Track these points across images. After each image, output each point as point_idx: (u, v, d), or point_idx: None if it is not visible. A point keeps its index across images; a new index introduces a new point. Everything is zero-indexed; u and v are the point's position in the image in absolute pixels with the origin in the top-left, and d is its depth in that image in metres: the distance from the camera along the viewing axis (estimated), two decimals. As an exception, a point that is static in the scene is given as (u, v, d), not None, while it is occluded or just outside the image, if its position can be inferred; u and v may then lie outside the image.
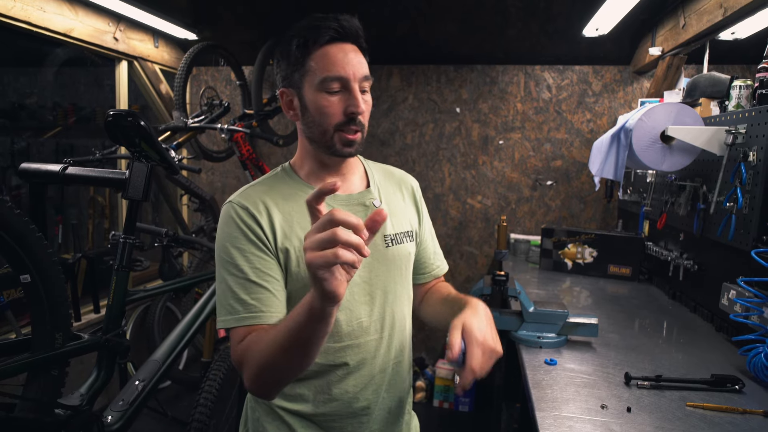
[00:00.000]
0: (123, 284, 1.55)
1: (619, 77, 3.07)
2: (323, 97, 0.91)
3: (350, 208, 0.98)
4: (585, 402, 1.19)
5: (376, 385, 0.99)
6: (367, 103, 0.94)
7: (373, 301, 0.98)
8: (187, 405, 2.86)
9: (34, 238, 1.27)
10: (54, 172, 1.57)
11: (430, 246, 1.18)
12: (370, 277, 0.98)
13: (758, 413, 1.14)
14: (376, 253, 0.98)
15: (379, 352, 0.99)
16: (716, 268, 1.79)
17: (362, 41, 0.94)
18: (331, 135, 0.92)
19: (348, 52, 0.91)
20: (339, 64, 0.90)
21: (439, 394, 3.09)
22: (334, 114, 0.91)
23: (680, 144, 1.75)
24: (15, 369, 1.27)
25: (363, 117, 0.93)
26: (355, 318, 0.95)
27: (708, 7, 2.02)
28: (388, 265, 1.00)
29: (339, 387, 0.95)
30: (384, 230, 1.01)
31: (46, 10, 2.25)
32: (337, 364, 0.95)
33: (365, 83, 0.93)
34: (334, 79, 0.90)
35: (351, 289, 0.95)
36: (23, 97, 3.47)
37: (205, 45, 2.80)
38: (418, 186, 1.18)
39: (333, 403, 0.96)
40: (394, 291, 1.01)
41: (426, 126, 3.32)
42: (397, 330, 1.03)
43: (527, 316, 1.57)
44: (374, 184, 1.06)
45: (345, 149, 0.93)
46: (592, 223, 3.20)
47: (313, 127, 0.94)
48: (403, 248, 1.04)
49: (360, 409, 0.97)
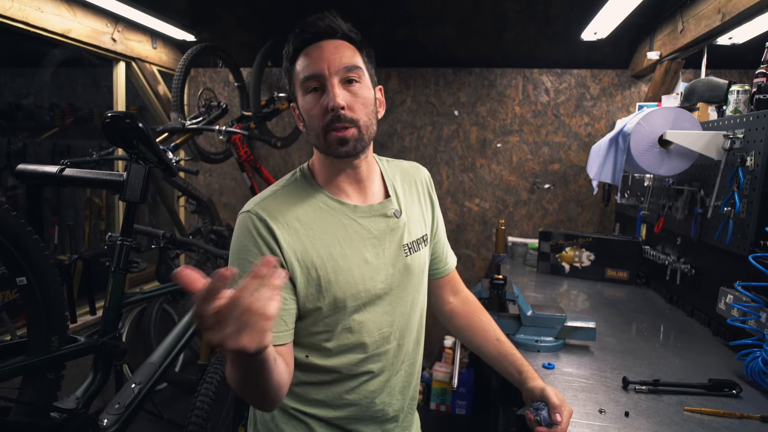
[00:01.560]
0: (120, 286, 1.54)
1: (617, 81, 3.08)
2: (306, 99, 0.90)
3: (372, 219, 0.96)
4: (583, 406, 1.19)
5: (391, 388, 1.00)
6: (355, 94, 0.89)
7: (394, 311, 0.98)
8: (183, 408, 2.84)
9: (30, 240, 1.26)
10: (51, 174, 1.56)
11: (443, 239, 1.17)
12: (391, 288, 0.97)
13: (755, 418, 1.14)
14: (396, 264, 0.97)
15: (398, 357, 1.00)
16: (713, 272, 1.79)
17: (344, 33, 0.90)
18: (323, 137, 0.89)
19: (324, 48, 0.88)
20: (313, 61, 0.88)
21: (436, 397, 3.09)
22: (317, 115, 0.88)
23: (678, 148, 1.76)
24: (10, 372, 1.26)
25: (351, 110, 0.88)
26: (377, 329, 0.95)
27: (706, 12, 2.03)
28: (408, 275, 0.99)
29: (357, 392, 0.95)
30: (402, 239, 0.98)
31: (44, 10, 2.24)
32: (360, 373, 0.95)
33: (351, 74, 0.88)
34: (309, 77, 0.88)
35: (374, 303, 0.94)
36: (20, 97, 3.45)
37: (203, 46, 2.79)
38: (429, 176, 1.14)
39: (350, 408, 0.96)
40: (412, 299, 1.01)
41: (424, 129, 3.33)
42: (414, 334, 1.04)
43: (525, 320, 1.57)
44: (393, 192, 1.02)
45: (340, 149, 0.88)
46: (590, 227, 3.21)
47: (310, 132, 0.92)
48: (419, 256, 1.03)
49: (376, 412, 0.98)
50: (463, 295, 1.21)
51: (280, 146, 3.15)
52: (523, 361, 1.06)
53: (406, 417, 1.07)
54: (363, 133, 0.90)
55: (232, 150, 2.80)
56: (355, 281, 0.91)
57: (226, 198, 3.59)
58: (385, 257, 0.95)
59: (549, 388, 0.97)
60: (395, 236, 0.98)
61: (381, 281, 0.94)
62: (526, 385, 1.01)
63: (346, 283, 0.90)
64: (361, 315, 0.93)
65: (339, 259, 0.90)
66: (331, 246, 0.90)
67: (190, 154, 3.08)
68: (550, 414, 0.94)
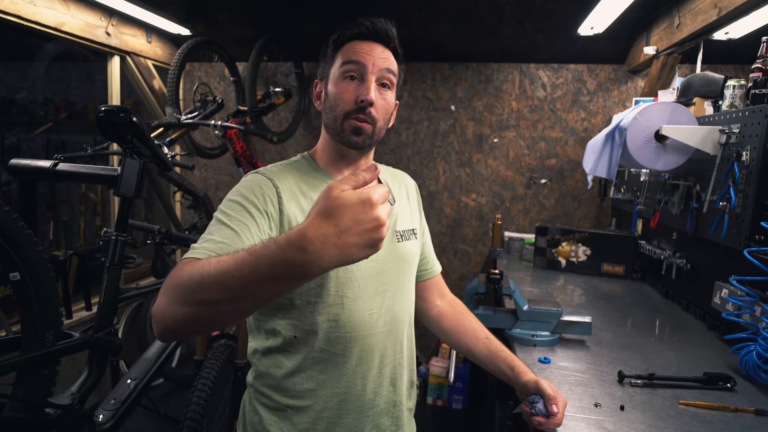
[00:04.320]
0: (115, 282, 1.54)
1: (613, 76, 3.08)
2: (340, 83, 0.94)
3: None
4: (579, 400, 1.19)
5: (383, 379, 0.99)
6: (384, 99, 0.96)
7: (384, 294, 0.98)
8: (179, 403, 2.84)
9: (23, 235, 1.25)
10: (44, 169, 1.55)
11: (429, 243, 1.23)
12: (383, 270, 0.98)
13: (750, 411, 1.15)
14: (388, 247, 1.00)
15: (387, 346, 0.99)
16: (709, 266, 1.80)
17: (394, 44, 0.97)
18: (341, 121, 0.94)
19: (374, 48, 0.95)
20: (362, 53, 0.93)
21: (433, 392, 3.10)
22: (346, 100, 0.93)
23: (674, 143, 1.76)
24: (4, 368, 1.25)
25: (375, 110, 0.94)
26: (367, 309, 0.95)
27: (702, 7, 2.03)
28: (399, 260, 1.02)
29: (346, 380, 0.94)
30: (395, 226, 1.04)
31: (37, 3, 2.21)
32: (347, 355, 0.94)
33: (387, 78, 0.95)
34: (352, 62, 0.93)
35: (366, 279, 0.95)
36: (13, 92, 3.42)
37: (198, 41, 2.77)
38: (417, 188, 1.22)
39: (340, 399, 0.94)
40: (402, 286, 1.03)
41: (421, 124, 3.32)
42: (406, 326, 1.05)
43: (521, 315, 1.58)
44: (384, 182, 1.09)
45: (353, 137, 0.94)
46: (586, 222, 3.21)
47: (328, 112, 0.97)
48: (410, 245, 1.06)
49: (367, 402, 0.97)
50: (450, 299, 1.25)
51: (276, 141, 3.14)
52: (514, 357, 1.08)
53: (400, 413, 1.05)
54: (375, 133, 0.96)
55: (228, 145, 2.79)
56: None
57: (222, 193, 3.58)
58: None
59: (543, 381, 0.98)
60: (389, 220, 1.00)
61: (373, 259, 0.94)
62: (519, 381, 1.02)
63: None
64: (348, 290, 0.93)
65: None
66: None
67: (186, 149, 3.06)
68: (546, 406, 0.95)
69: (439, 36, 2.95)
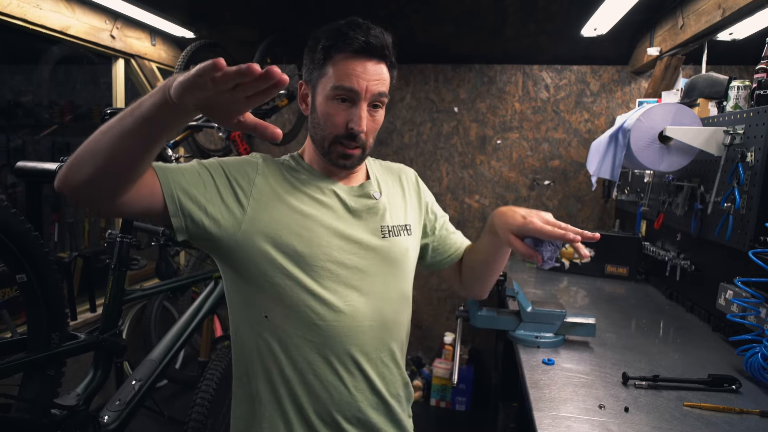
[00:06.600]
0: (120, 283, 1.55)
1: (617, 77, 3.08)
2: (331, 104, 0.92)
3: (356, 198, 1.00)
4: (583, 402, 1.19)
5: (370, 379, 0.96)
6: (374, 121, 0.95)
7: (368, 290, 0.96)
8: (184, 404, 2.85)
9: (30, 237, 1.26)
10: (50, 171, 1.55)
11: (448, 227, 1.19)
12: (366, 265, 0.96)
13: (755, 413, 1.15)
14: (371, 244, 0.98)
15: (372, 345, 0.96)
16: (713, 268, 1.79)
17: (389, 57, 0.94)
18: (329, 143, 0.94)
19: (368, 67, 0.90)
20: (354, 76, 0.89)
21: (436, 394, 3.09)
22: (336, 125, 0.92)
23: (678, 144, 1.75)
24: (11, 369, 1.26)
25: (366, 135, 0.94)
26: (346, 302, 0.94)
27: (706, 8, 2.02)
28: (384, 256, 0.99)
29: (332, 380, 0.93)
30: (382, 221, 1.01)
31: (43, 7, 2.23)
32: (330, 346, 0.93)
33: (379, 100, 0.93)
34: (345, 89, 0.90)
35: (344, 270, 0.94)
36: (19, 94, 3.45)
37: (202, 43, 2.78)
38: (417, 175, 1.19)
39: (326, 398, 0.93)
40: (387, 283, 1.00)
41: (424, 125, 3.32)
42: (392, 327, 1.00)
43: (525, 316, 1.58)
44: (373, 176, 1.07)
45: (340, 161, 0.95)
46: (590, 223, 3.21)
47: (316, 128, 0.96)
48: (399, 241, 1.03)
49: (354, 406, 0.95)
50: None
51: (280, 143, 3.15)
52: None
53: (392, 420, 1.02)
54: (365, 153, 0.97)
55: (232, 147, 2.80)
56: (320, 244, 0.92)
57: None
58: (359, 232, 0.97)
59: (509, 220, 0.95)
60: (373, 215, 1.00)
61: (347, 249, 0.95)
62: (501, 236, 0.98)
63: (309, 241, 0.92)
64: (328, 283, 0.92)
65: (306, 219, 0.93)
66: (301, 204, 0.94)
67: (190, 151, 3.08)
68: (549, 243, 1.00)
69: (442, 38, 2.95)
